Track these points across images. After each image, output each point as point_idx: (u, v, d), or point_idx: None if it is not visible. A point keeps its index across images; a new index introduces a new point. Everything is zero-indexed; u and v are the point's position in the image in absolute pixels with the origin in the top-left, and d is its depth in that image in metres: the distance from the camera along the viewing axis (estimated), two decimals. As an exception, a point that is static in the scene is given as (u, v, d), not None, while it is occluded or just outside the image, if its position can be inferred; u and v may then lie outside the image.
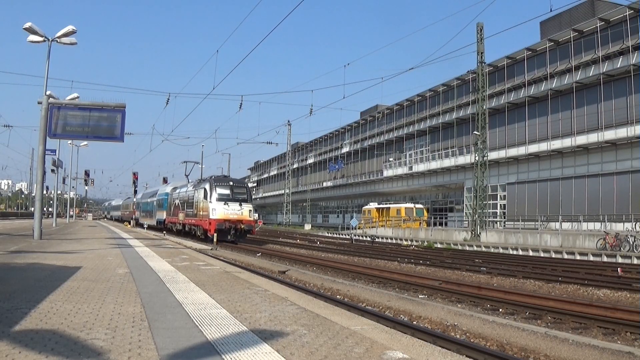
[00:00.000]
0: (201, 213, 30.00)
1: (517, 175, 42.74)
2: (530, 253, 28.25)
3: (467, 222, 41.86)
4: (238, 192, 29.77)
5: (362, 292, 11.63)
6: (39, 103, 17.95)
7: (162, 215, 42.59)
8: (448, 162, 49.95)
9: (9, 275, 8.44)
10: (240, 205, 28.88)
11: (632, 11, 32.56)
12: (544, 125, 39.76)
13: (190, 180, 41.40)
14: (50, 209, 63.50)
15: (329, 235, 51.51)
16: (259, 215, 74.16)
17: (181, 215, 35.31)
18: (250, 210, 29.49)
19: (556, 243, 29.73)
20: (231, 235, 28.21)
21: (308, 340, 4.65)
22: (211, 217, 28.35)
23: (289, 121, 42.29)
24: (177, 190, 38.17)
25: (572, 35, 37.00)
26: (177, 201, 37.39)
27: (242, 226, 28.61)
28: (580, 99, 36.98)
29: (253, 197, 52.65)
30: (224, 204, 28.45)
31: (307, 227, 71.36)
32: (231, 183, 30.25)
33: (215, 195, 28.87)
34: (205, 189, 29.81)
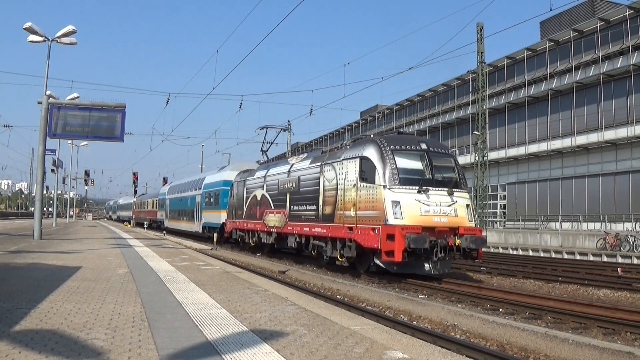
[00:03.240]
0: (350, 213, 14.21)
1: (517, 175, 42.74)
2: (530, 253, 28.24)
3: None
4: (442, 166, 14.29)
5: (362, 292, 11.63)
6: (39, 103, 17.96)
7: (218, 216, 27.82)
8: (448, 162, 49.80)
9: (9, 275, 8.44)
10: (452, 196, 13.57)
11: (632, 11, 32.55)
12: (544, 125, 39.76)
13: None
14: (50, 209, 63.50)
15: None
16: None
17: (274, 218, 19.42)
18: (467, 206, 13.99)
19: (556, 243, 29.73)
20: (434, 259, 12.99)
21: (308, 340, 4.65)
22: (390, 220, 12.84)
23: (289, 121, 42.24)
24: (260, 174, 21.68)
25: (572, 35, 36.99)
26: (260, 193, 20.96)
27: (459, 241, 13.13)
28: (580, 99, 36.97)
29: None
30: (419, 194, 13.14)
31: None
32: (424, 147, 14.23)
33: (394, 174, 13.33)
34: (364, 160, 14.03)
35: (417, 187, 13.09)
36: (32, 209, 44.87)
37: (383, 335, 5.12)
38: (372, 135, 16.30)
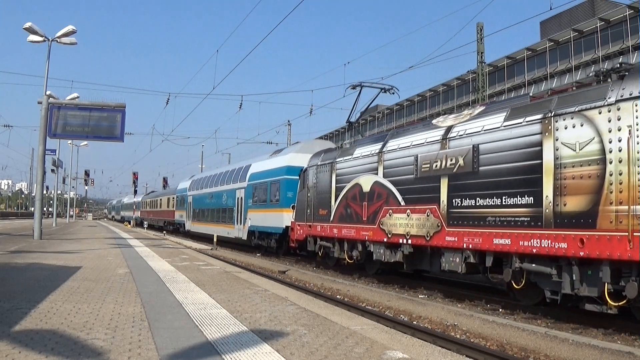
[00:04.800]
0: None
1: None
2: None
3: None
4: None
5: (362, 292, 11.63)
6: (39, 103, 17.97)
7: (278, 217, 20.45)
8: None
9: (9, 275, 8.44)
10: None
11: (632, 11, 32.57)
12: (544, 125, 39.71)
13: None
14: (50, 209, 63.48)
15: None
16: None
17: (406, 221, 11.62)
18: None
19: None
20: None
21: (308, 340, 4.65)
22: None
23: (289, 121, 42.24)
24: (365, 151, 13.70)
25: (572, 35, 37.02)
26: (371, 180, 13.16)
27: None
28: (580, 99, 36.93)
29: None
30: None
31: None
32: None
33: None
34: None
35: None
36: (32, 209, 44.87)
37: (383, 335, 5.12)
38: None
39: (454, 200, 10.27)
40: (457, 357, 4.74)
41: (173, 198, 40.51)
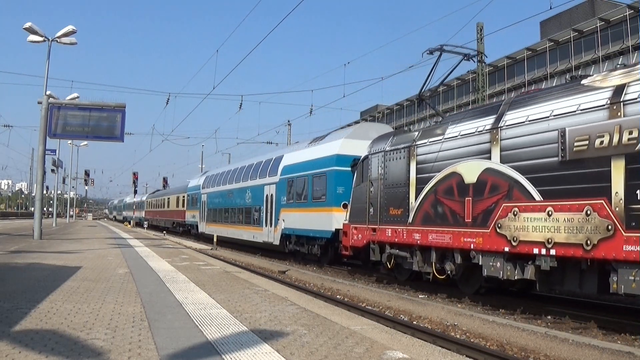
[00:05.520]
0: None
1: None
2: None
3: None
4: None
5: (362, 292, 11.64)
6: (39, 103, 17.98)
7: (325, 218, 16.72)
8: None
9: (9, 275, 8.44)
10: None
11: (632, 11, 32.57)
12: (544, 125, 39.71)
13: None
14: (50, 209, 63.50)
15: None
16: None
17: (552, 223, 8.28)
18: None
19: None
20: None
21: (308, 340, 4.65)
22: None
23: (289, 121, 42.15)
24: (465, 128, 10.48)
25: (572, 35, 37.03)
26: (479, 167, 9.86)
27: None
28: (580, 98, 36.95)
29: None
30: None
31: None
32: None
33: None
34: None
35: None
36: (32, 209, 44.87)
37: (383, 335, 5.12)
38: None
39: (637, 192, 7.14)
40: (457, 357, 4.74)
41: (183, 197, 37.03)
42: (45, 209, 68.14)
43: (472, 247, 9.75)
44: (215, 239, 26.34)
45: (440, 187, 10.74)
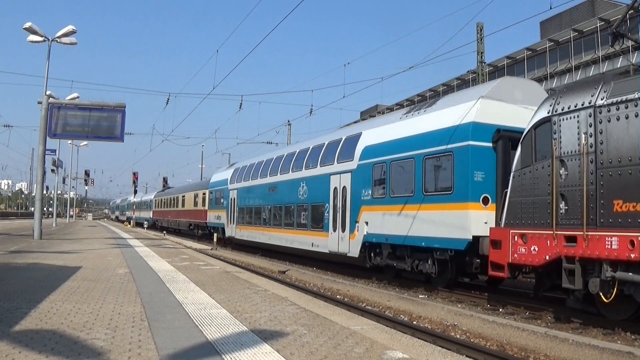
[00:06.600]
0: None
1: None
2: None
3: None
4: None
5: (362, 292, 11.63)
6: (39, 103, 17.98)
7: (458, 218, 10.85)
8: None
9: (9, 275, 8.44)
10: None
11: (632, 11, 32.57)
12: (544, 125, 39.69)
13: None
14: (50, 209, 63.49)
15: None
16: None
17: None
18: None
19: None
20: None
21: (308, 340, 4.65)
22: None
23: (289, 121, 42.14)
24: None
25: (572, 35, 37.02)
26: None
27: None
28: (580, 99, 36.93)
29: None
30: None
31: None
32: None
33: None
34: None
35: None
36: (32, 209, 44.83)
37: (383, 335, 5.12)
38: None
39: None
40: (457, 357, 4.74)
41: (204, 194, 31.48)
42: (45, 209, 68.13)
43: None
44: (215, 239, 26.22)
45: None
